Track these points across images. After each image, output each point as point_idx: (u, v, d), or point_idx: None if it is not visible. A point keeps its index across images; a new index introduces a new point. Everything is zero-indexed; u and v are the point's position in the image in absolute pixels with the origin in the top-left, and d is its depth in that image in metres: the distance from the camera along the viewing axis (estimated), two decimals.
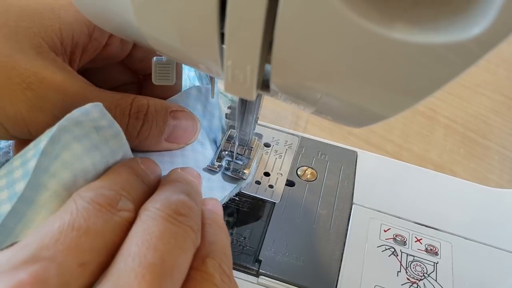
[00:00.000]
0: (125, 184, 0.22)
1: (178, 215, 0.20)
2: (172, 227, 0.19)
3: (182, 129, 0.29)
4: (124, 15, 0.18)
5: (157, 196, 0.21)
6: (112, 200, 0.20)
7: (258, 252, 0.30)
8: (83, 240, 0.17)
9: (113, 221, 0.19)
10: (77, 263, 0.17)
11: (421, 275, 0.30)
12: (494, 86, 0.64)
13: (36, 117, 0.23)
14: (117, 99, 0.26)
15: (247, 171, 0.33)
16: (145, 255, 0.17)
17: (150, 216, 0.19)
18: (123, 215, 0.20)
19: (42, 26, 0.24)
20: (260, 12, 0.13)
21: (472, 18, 0.12)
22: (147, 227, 0.19)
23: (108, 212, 0.19)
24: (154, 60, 0.27)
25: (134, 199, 0.21)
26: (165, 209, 0.20)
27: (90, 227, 0.18)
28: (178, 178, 0.25)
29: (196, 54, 0.18)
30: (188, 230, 0.20)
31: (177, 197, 0.21)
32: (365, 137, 0.54)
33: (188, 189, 0.23)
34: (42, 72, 0.23)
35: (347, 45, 0.14)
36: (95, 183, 0.21)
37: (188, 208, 0.21)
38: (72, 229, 0.17)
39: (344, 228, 0.32)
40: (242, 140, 0.34)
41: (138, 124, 0.26)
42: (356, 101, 0.17)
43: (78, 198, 0.19)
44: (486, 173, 0.51)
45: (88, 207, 0.19)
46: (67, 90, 0.24)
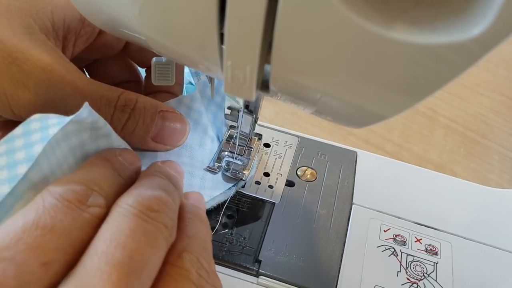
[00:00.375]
0: (99, 177, 0.21)
1: (151, 211, 0.19)
2: (143, 224, 0.19)
3: (170, 130, 0.29)
4: (123, 15, 0.18)
5: (131, 191, 0.21)
6: (82, 196, 0.19)
7: (258, 252, 0.30)
8: (47, 239, 0.17)
9: (82, 218, 0.18)
10: (39, 262, 0.16)
11: (421, 275, 0.30)
12: (494, 86, 0.64)
13: (19, 94, 0.22)
14: (104, 89, 0.25)
15: (247, 172, 0.33)
16: (113, 254, 0.17)
17: (121, 213, 0.19)
18: (93, 211, 0.19)
19: (34, 7, 0.24)
20: (259, 12, 0.13)
21: (472, 18, 0.12)
22: (117, 225, 0.18)
23: (77, 209, 0.18)
24: (153, 60, 0.27)
25: (107, 194, 0.20)
26: (137, 205, 0.19)
27: (56, 225, 0.17)
28: (157, 172, 0.24)
29: (195, 54, 0.18)
30: (161, 227, 0.19)
31: (151, 192, 0.21)
32: (365, 137, 0.54)
33: (165, 183, 0.23)
34: (30, 51, 0.23)
35: (347, 46, 0.14)
36: (67, 177, 0.20)
37: (163, 204, 0.20)
38: (36, 228, 0.17)
39: (344, 228, 0.32)
40: (242, 140, 0.34)
41: (123, 117, 0.26)
42: (356, 102, 0.17)
43: (47, 193, 0.19)
44: (486, 173, 0.51)
45: (56, 204, 0.18)
46: (53, 71, 0.23)
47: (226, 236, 0.30)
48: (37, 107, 0.23)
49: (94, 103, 0.24)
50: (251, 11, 0.13)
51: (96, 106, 0.24)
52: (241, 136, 0.34)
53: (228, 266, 0.29)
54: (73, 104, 0.24)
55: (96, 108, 0.24)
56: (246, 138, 0.34)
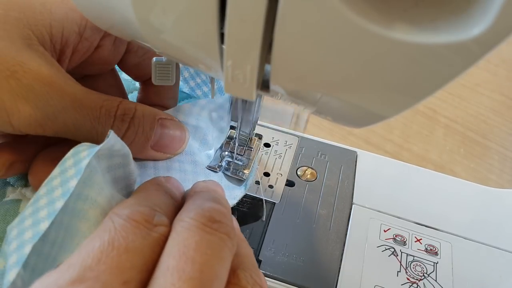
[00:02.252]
0: (156, 199, 0.22)
1: (213, 222, 0.20)
2: (207, 236, 0.19)
3: (170, 138, 0.29)
4: (123, 14, 0.18)
5: (189, 206, 0.21)
6: (147, 215, 0.20)
7: (258, 252, 0.30)
8: (124, 258, 0.17)
9: (151, 237, 0.19)
10: (120, 281, 0.17)
11: (421, 275, 0.30)
12: (494, 86, 0.64)
13: (18, 108, 0.22)
14: (103, 99, 0.25)
15: (247, 171, 0.33)
16: (184, 269, 0.17)
17: (184, 227, 0.19)
18: (160, 230, 0.19)
19: (32, 18, 0.23)
20: (260, 12, 0.13)
21: (472, 18, 0.12)
22: (183, 239, 0.19)
23: (145, 229, 0.19)
24: (154, 60, 0.27)
25: (167, 214, 0.21)
26: (199, 217, 0.20)
27: (129, 245, 0.18)
28: (204, 188, 0.25)
29: (196, 54, 0.18)
30: (224, 238, 0.19)
31: (209, 204, 0.21)
32: (365, 137, 0.54)
33: (217, 196, 0.23)
34: (28, 63, 0.22)
35: (346, 45, 0.14)
36: (128, 201, 0.21)
37: (222, 214, 0.21)
38: (113, 248, 0.17)
39: (344, 228, 0.32)
40: (242, 140, 0.34)
41: (123, 126, 0.26)
42: (356, 101, 0.17)
43: (114, 216, 0.19)
44: (486, 173, 0.51)
45: (125, 225, 0.19)
46: (53, 84, 0.23)
47: None
48: (37, 121, 0.23)
49: (94, 113, 0.24)
50: (251, 11, 0.13)
51: (96, 117, 0.24)
52: (241, 136, 0.34)
53: None
54: (73, 116, 0.24)
55: (96, 118, 0.24)
56: (246, 138, 0.34)
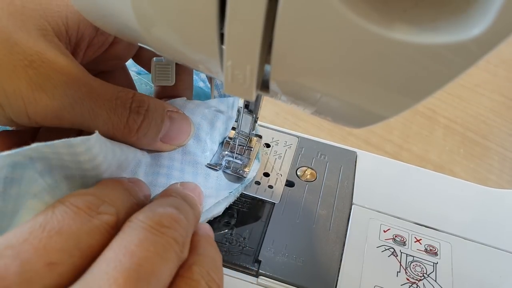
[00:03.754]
0: (111, 193, 0.21)
1: (161, 226, 0.19)
2: (153, 237, 0.19)
3: (177, 130, 0.29)
4: (123, 16, 0.18)
5: (143, 209, 0.21)
6: (92, 204, 0.19)
7: (258, 253, 0.30)
8: (54, 240, 0.17)
9: (91, 223, 0.19)
10: (43, 262, 0.16)
11: (420, 275, 0.30)
12: (494, 87, 0.64)
13: (35, 97, 0.22)
14: (119, 91, 0.25)
15: (247, 169, 0.33)
16: (120, 260, 0.17)
17: (131, 227, 0.19)
18: (103, 218, 0.19)
19: (48, 10, 0.23)
20: (259, 12, 0.13)
21: (472, 18, 0.12)
22: (126, 236, 0.19)
23: (86, 215, 0.19)
24: (153, 60, 0.27)
25: (118, 208, 0.21)
26: (147, 220, 0.20)
27: (63, 228, 0.18)
28: (173, 192, 0.24)
29: (195, 54, 0.18)
30: (171, 241, 0.19)
31: (163, 210, 0.21)
32: (364, 138, 0.54)
33: (179, 202, 0.23)
34: (45, 52, 0.22)
35: (346, 46, 0.14)
36: (79, 191, 0.21)
37: (174, 221, 0.20)
38: (43, 230, 0.17)
39: (343, 228, 0.32)
40: (242, 140, 0.34)
41: (139, 119, 0.26)
42: (356, 102, 0.17)
43: (58, 203, 0.19)
44: (485, 174, 0.51)
45: (65, 210, 0.18)
46: (69, 74, 0.23)
47: (226, 236, 0.30)
48: (53, 111, 0.23)
49: (110, 104, 0.24)
50: (251, 11, 0.13)
51: (112, 108, 0.24)
52: (241, 136, 0.34)
53: (228, 266, 0.29)
54: (89, 106, 0.24)
55: (112, 109, 0.24)
56: (246, 138, 0.34)
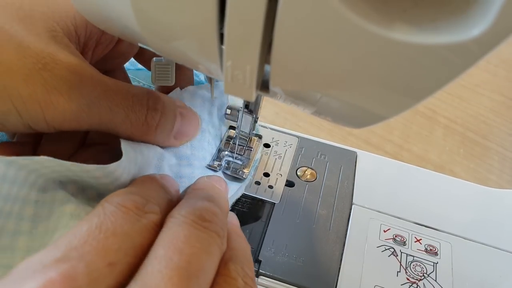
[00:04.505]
0: (151, 191, 0.22)
1: (203, 221, 0.20)
2: (197, 232, 0.20)
3: (187, 125, 0.29)
4: (124, 17, 0.18)
5: (182, 204, 0.22)
6: (139, 203, 0.20)
7: (258, 253, 0.30)
8: (111, 241, 0.18)
9: (140, 223, 0.19)
10: (105, 262, 0.17)
11: (420, 275, 0.30)
12: (494, 87, 0.64)
13: (52, 100, 0.22)
14: (133, 88, 0.25)
15: (247, 171, 0.33)
16: (171, 258, 0.18)
17: (175, 223, 0.20)
18: (150, 217, 0.20)
19: (57, 11, 0.23)
20: (259, 13, 0.13)
21: (472, 18, 0.12)
22: (173, 232, 0.19)
23: (135, 215, 0.19)
24: (153, 60, 0.27)
25: (160, 205, 0.21)
26: (189, 215, 0.20)
27: (117, 229, 0.18)
28: (203, 186, 0.25)
29: (195, 54, 0.18)
30: (214, 235, 0.20)
31: (201, 203, 0.22)
32: (364, 138, 0.54)
33: (213, 195, 0.24)
34: (57, 54, 0.22)
35: (346, 46, 0.14)
36: (122, 190, 0.21)
37: (213, 214, 0.21)
38: (100, 231, 0.18)
39: (344, 228, 0.32)
40: (242, 140, 0.34)
41: (157, 115, 0.26)
42: (356, 102, 0.17)
43: (105, 203, 0.20)
44: (485, 173, 0.51)
45: (115, 211, 0.19)
46: (83, 74, 0.23)
47: None
48: (72, 114, 0.22)
49: (127, 102, 0.24)
50: (251, 11, 0.13)
51: (129, 105, 0.24)
52: (241, 136, 0.34)
53: None
54: (106, 105, 0.23)
55: (130, 107, 0.24)
56: (246, 138, 0.34)
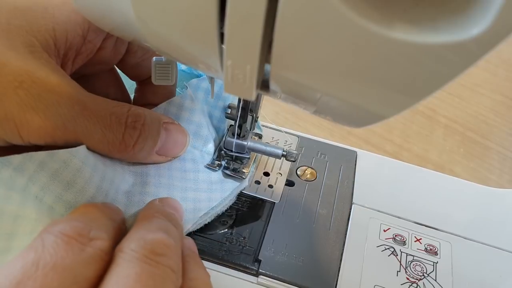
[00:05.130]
0: (94, 218, 0.21)
1: (155, 255, 0.19)
2: (149, 268, 0.18)
3: (173, 142, 0.29)
4: (124, 15, 0.18)
5: (132, 235, 0.20)
6: (82, 229, 0.18)
7: (258, 252, 0.30)
8: (50, 278, 0.16)
9: (85, 253, 0.18)
10: None
11: (420, 274, 0.30)
12: (494, 86, 0.64)
13: (27, 119, 0.21)
14: (113, 106, 0.25)
15: (246, 170, 0.33)
16: None
17: (125, 259, 0.18)
18: (97, 244, 0.18)
19: (35, 24, 0.23)
20: (260, 12, 0.13)
21: (472, 18, 0.12)
22: (122, 270, 0.18)
23: (78, 243, 0.18)
24: (153, 60, 0.27)
25: (106, 231, 0.20)
26: (140, 249, 0.19)
27: (57, 263, 0.17)
28: (155, 212, 0.24)
29: (195, 53, 0.18)
30: (167, 271, 0.19)
31: (153, 235, 0.20)
32: (364, 137, 0.54)
33: (166, 225, 0.22)
34: (35, 71, 0.22)
35: (346, 45, 0.14)
36: (62, 218, 0.20)
37: (166, 247, 0.20)
38: (37, 268, 0.16)
39: (343, 228, 0.32)
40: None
41: (135, 134, 0.25)
42: (356, 101, 0.17)
43: (45, 233, 0.18)
44: (485, 173, 0.51)
45: (56, 241, 0.17)
46: (61, 92, 0.22)
47: (226, 235, 0.30)
48: (47, 131, 0.22)
49: (104, 121, 0.24)
50: (251, 10, 0.13)
51: (107, 124, 0.24)
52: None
53: (228, 266, 0.29)
54: (83, 124, 0.23)
55: (107, 126, 0.24)
56: None
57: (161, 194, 0.28)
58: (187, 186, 0.30)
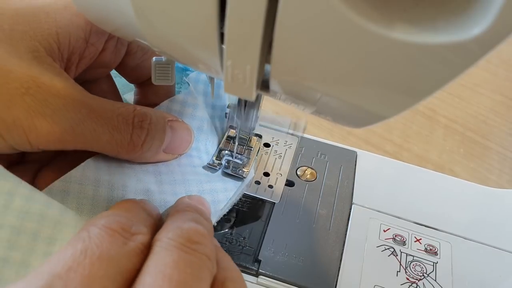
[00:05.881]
0: (134, 213, 0.22)
1: (192, 243, 0.19)
2: (186, 256, 0.19)
3: (179, 139, 0.29)
4: (124, 15, 0.18)
5: (168, 226, 0.21)
6: (125, 224, 0.19)
7: (258, 252, 0.30)
8: (97, 267, 0.17)
9: (128, 246, 0.19)
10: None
11: (420, 275, 0.30)
12: (494, 86, 0.64)
13: (35, 124, 0.22)
14: (119, 107, 0.25)
15: (247, 170, 0.33)
16: (160, 286, 0.17)
17: (162, 247, 0.19)
18: (138, 239, 0.19)
19: (38, 29, 0.23)
20: (260, 12, 0.13)
21: (472, 18, 0.12)
22: (161, 257, 0.18)
23: (122, 237, 0.19)
24: (153, 60, 0.27)
25: (146, 226, 0.21)
26: (177, 238, 0.20)
27: (103, 253, 0.17)
28: (187, 207, 0.25)
29: (195, 54, 0.18)
30: (204, 258, 0.19)
31: (188, 225, 0.21)
32: (364, 137, 0.54)
33: (198, 217, 0.23)
34: (40, 77, 0.22)
35: (346, 45, 0.14)
36: (105, 212, 0.21)
37: (201, 235, 0.20)
38: (85, 256, 0.17)
39: (343, 228, 0.32)
40: (242, 139, 0.34)
41: (143, 134, 0.26)
42: (356, 102, 0.17)
43: (90, 225, 0.19)
44: (485, 173, 0.51)
45: (101, 233, 0.18)
46: (67, 96, 0.23)
47: (226, 235, 0.30)
48: (55, 136, 0.22)
49: (112, 123, 0.24)
50: (251, 10, 0.13)
51: (114, 126, 0.24)
52: (241, 136, 0.34)
53: None
54: (91, 127, 0.23)
55: (115, 127, 0.24)
56: (246, 138, 0.34)
57: (178, 191, 0.29)
58: (201, 179, 0.30)
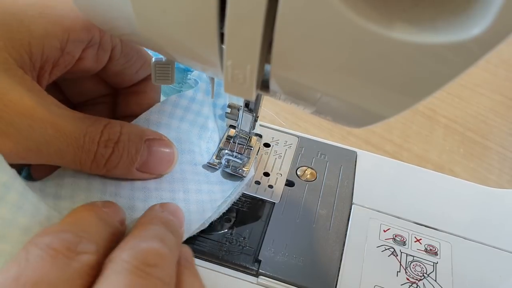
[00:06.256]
0: (87, 226, 0.20)
1: (147, 266, 0.18)
2: (139, 280, 0.17)
3: (157, 159, 0.28)
4: (124, 15, 0.18)
5: (124, 244, 0.20)
6: (70, 243, 0.18)
7: (258, 252, 0.30)
8: None
9: (70, 268, 0.17)
10: None
11: (420, 275, 0.30)
12: (494, 86, 0.64)
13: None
14: (88, 125, 0.24)
15: (247, 169, 0.33)
16: None
17: (114, 270, 0.18)
18: (83, 259, 0.18)
19: (9, 39, 0.22)
20: (260, 12, 0.13)
21: (472, 18, 0.12)
22: (110, 282, 0.17)
23: (64, 258, 0.17)
24: (153, 60, 0.27)
25: (97, 242, 0.19)
26: (132, 259, 0.18)
27: (40, 279, 0.16)
28: (154, 218, 0.23)
29: (195, 54, 0.18)
30: (158, 283, 0.18)
31: (146, 244, 0.19)
32: (364, 137, 0.54)
33: (163, 232, 0.22)
34: (8, 93, 0.21)
35: (346, 45, 0.14)
36: (52, 227, 0.19)
37: (159, 257, 0.19)
38: (17, 284, 0.15)
39: (343, 228, 0.32)
40: (242, 139, 0.34)
41: (107, 152, 0.25)
42: (356, 101, 0.17)
43: (31, 245, 0.17)
44: (485, 173, 0.51)
45: (41, 255, 0.17)
46: (34, 115, 0.22)
47: (226, 236, 0.30)
48: (18, 154, 0.21)
49: (78, 142, 0.23)
50: (251, 10, 0.13)
51: (80, 146, 0.24)
52: (241, 135, 0.34)
53: (228, 266, 0.29)
54: (56, 146, 0.23)
55: (80, 147, 0.23)
56: (246, 137, 0.34)
57: (176, 189, 0.28)
58: (199, 179, 0.30)
